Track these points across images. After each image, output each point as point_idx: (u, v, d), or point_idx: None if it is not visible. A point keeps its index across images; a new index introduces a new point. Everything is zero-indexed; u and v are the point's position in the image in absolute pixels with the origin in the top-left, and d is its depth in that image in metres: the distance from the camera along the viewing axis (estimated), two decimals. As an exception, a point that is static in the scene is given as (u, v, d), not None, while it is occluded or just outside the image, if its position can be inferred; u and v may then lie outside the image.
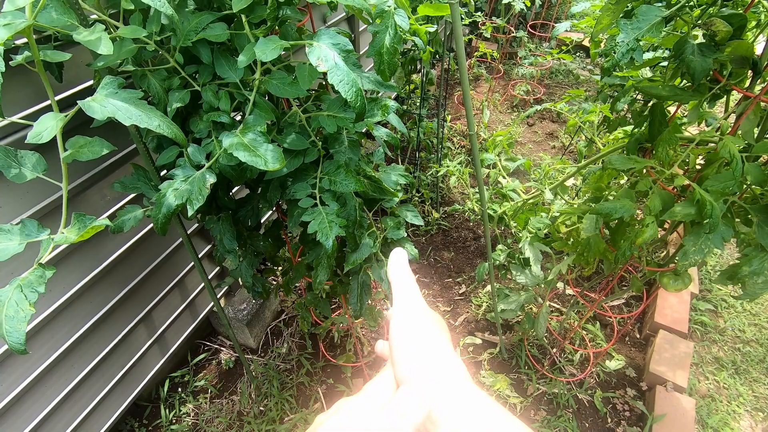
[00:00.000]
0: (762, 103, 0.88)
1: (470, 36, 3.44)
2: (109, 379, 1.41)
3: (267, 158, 0.73)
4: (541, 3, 3.10)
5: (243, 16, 0.77)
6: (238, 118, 0.89)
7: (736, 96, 0.95)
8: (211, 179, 0.79)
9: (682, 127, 1.08)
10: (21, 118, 0.95)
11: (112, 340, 1.38)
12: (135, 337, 1.48)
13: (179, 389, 1.79)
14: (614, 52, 0.67)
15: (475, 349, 1.98)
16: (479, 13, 2.74)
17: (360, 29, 2.41)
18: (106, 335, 1.36)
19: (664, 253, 2.20)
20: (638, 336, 2.05)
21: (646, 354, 1.94)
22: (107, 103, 0.56)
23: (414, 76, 2.53)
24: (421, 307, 0.38)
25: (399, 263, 0.42)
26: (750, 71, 0.87)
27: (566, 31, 1.87)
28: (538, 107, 1.60)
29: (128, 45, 0.74)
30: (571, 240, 1.31)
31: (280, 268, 1.56)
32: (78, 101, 0.55)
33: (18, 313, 0.51)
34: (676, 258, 0.99)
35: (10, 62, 0.62)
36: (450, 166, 1.99)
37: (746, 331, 2.08)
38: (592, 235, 1.13)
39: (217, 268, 1.76)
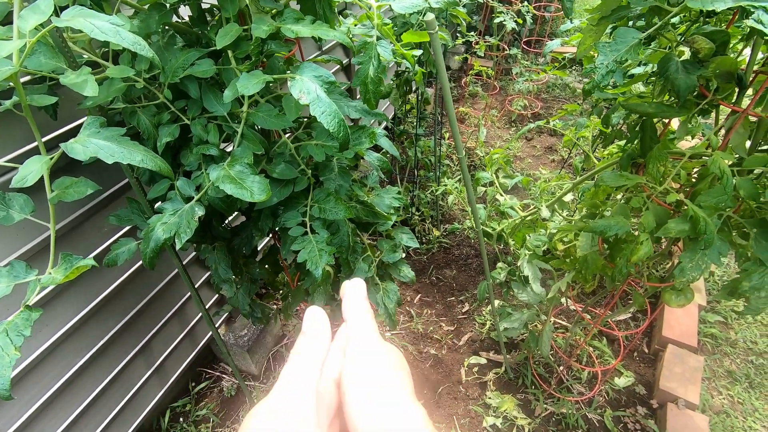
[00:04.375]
0: (751, 117, 0.87)
1: (465, 55, 3.49)
2: (107, 413, 1.39)
3: (253, 190, 0.73)
4: (533, 20, 3.15)
5: (229, 52, 0.79)
6: (230, 148, 0.91)
7: (725, 109, 0.95)
8: (200, 212, 0.80)
9: (674, 142, 1.07)
10: (13, 158, 0.96)
11: (109, 373, 1.37)
12: (134, 369, 1.47)
13: (180, 419, 1.77)
14: (594, 74, 0.68)
15: (480, 369, 1.95)
16: (473, 33, 2.78)
17: (355, 53, 2.45)
18: (103, 368, 1.35)
19: (670, 264, 2.17)
20: (646, 351, 2.01)
21: (656, 370, 1.89)
22: (89, 144, 0.56)
23: (410, 96, 2.55)
24: (379, 347, 0.34)
25: (356, 296, 0.38)
26: (736, 86, 0.87)
27: (559, 46, 1.89)
28: (532, 125, 1.61)
29: (117, 84, 0.76)
30: (569, 257, 1.30)
31: (280, 292, 1.55)
32: (60, 144, 0.56)
33: (3, 358, 0.51)
34: (674, 273, 0.97)
35: (-1, 107, 0.63)
36: (448, 185, 1.99)
37: (759, 342, 2.03)
38: (589, 252, 1.12)
39: (216, 294, 1.76)
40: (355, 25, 1.30)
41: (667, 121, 1.13)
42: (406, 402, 0.30)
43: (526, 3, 2.98)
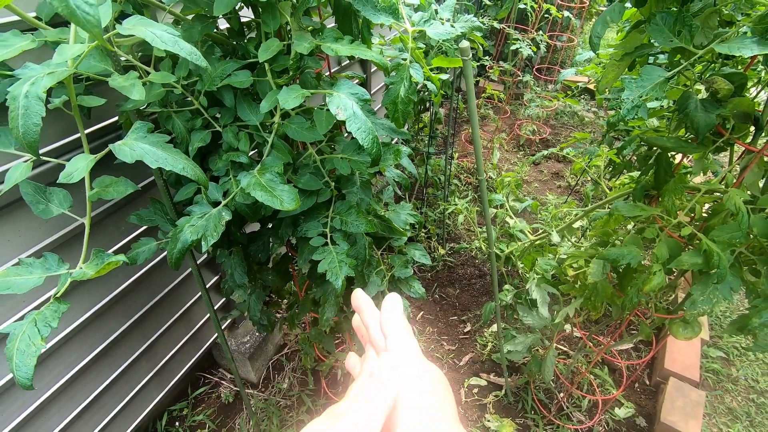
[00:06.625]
0: (765, 158, 0.90)
1: (478, 78, 3.56)
2: (106, 413, 1.38)
3: (283, 198, 0.75)
4: (546, 48, 3.22)
5: (267, 65, 0.82)
6: (252, 154, 0.92)
7: (740, 147, 0.98)
8: (227, 217, 0.82)
9: (688, 176, 1.10)
10: (50, 151, 0.99)
11: (113, 372, 1.37)
12: (136, 369, 1.47)
13: (177, 423, 1.75)
14: (620, 108, 0.70)
15: (480, 391, 1.94)
16: (487, 57, 2.84)
17: (372, 70, 2.50)
18: (108, 367, 1.35)
19: (673, 296, 2.17)
20: (648, 382, 2.00)
21: (657, 402, 1.88)
22: (136, 147, 0.59)
23: (423, 115, 2.60)
24: (424, 369, 0.34)
25: (394, 312, 0.38)
26: (752, 126, 0.90)
27: (572, 75, 1.94)
28: (546, 152, 1.64)
29: (157, 89, 0.79)
30: (579, 283, 1.31)
31: (285, 301, 1.56)
32: (110, 145, 0.59)
33: (29, 348, 0.52)
34: (685, 306, 0.99)
35: (48, 105, 0.66)
36: (458, 205, 2.01)
37: (760, 381, 2.02)
38: (599, 280, 1.13)
39: (223, 299, 1.76)
40: (382, 45, 1.34)
41: (680, 156, 1.15)
42: (452, 428, 0.30)
43: (540, 32, 3.06)
